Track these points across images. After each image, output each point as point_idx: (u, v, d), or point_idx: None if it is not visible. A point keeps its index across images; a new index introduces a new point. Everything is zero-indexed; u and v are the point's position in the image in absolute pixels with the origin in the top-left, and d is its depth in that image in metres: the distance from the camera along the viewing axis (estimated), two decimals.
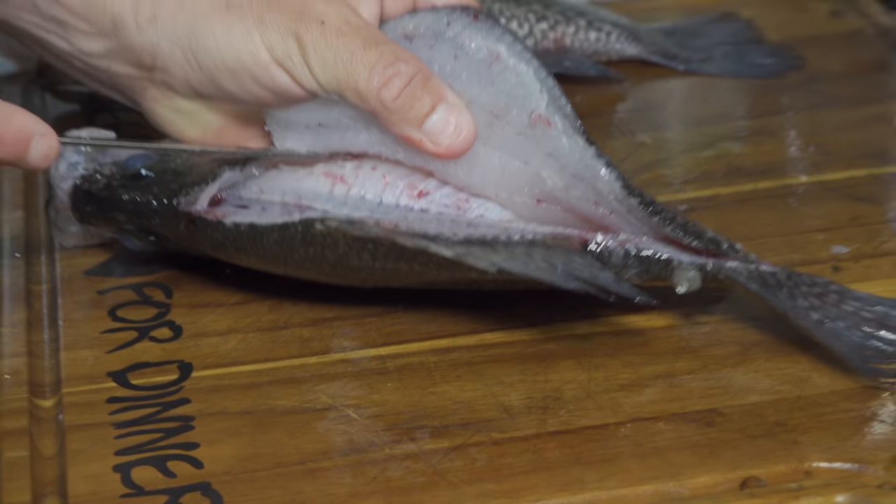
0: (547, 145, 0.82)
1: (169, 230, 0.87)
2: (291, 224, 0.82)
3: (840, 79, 1.08)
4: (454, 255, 0.78)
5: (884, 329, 0.80)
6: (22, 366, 0.83)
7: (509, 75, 0.83)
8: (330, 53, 0.82)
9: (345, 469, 0.74)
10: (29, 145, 0.78)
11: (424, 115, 0.81)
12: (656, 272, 0.82)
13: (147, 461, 0.75)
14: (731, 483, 0.73)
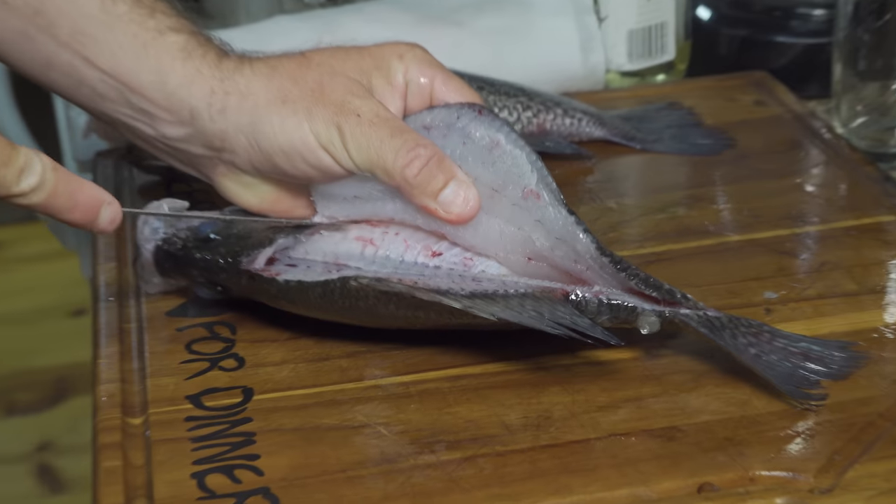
0: (536, 214, 0.84)
1: (233, 283, 0.89)
2: (331, 281, 0.84)
3: (764, 155, 1.10)
4: (462, 306, 0.80)
5: (807, 361, 0.82)
6: (115, 390, 0.84)
7: (507, 158, 0.85)
8: (364, 140, 0.84)
9: (378, 476, 0.76)
10: (99, 212, 0.80)
11: (439, 189, 0.84)
12: (623, 317, 0.83)
13: (218, 469, 0.77)
14: (689, 488, 0.74)
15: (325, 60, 0.88)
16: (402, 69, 0.89)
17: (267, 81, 0.86)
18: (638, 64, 1.24)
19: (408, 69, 0.89)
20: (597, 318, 0.83)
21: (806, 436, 0.78)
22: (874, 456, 0.76)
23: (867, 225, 0.99)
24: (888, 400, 0.80)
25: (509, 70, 1.16)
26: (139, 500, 0.75)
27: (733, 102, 1.18)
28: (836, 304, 0.90)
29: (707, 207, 1.03)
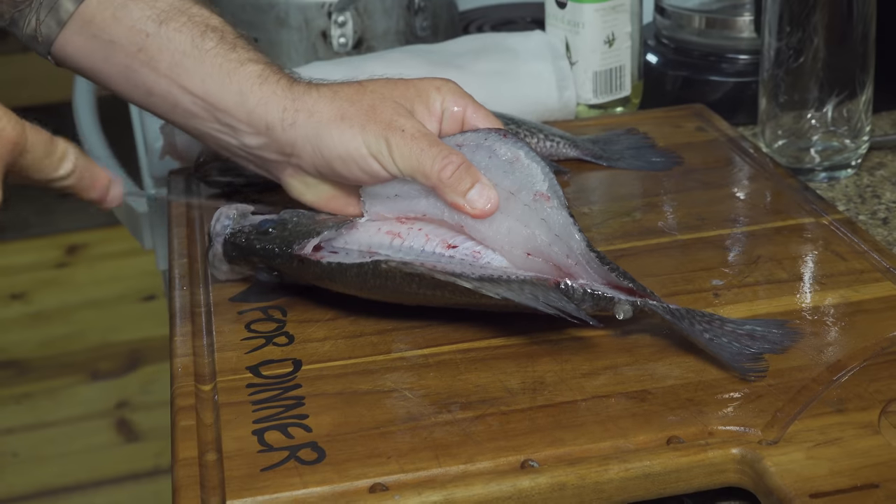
0: (543, 214, 0.81)
1: (286, 267, 0.86)
2: (365, 264, 0.82)
3: (706, 170, 1.07)
4: (472, 286, 0.78)
5: (752, 339, 0.80)
6: (189, 363, 0.81)
7: (524, 169, 0.84)
8: (407, 150, 0.83)
9: (405, 432, 0.73)
10: (108, 190, 0.80)
11: (467, 189, 0.82)
12: (603, 305, 0.81)
13: (274, 427, 0.74)
14: (660, 440, 0.72)
15: (377, 88, 0.87)
16: (440, 99, 0.88)
17: (329, 102, 0.86)
18: (601, 98, 1.21)
19: (444, 99, 0.88)
20: (581, 304, 0.80)
21: (753, 397, 0.75)
22: (810, 413, 0.73)
23: (791, 225, 0.96)
24: (818, 368, 0.77)
25: (501, 104, 1.14)
26: (210, 453, 0.73)
27: (679, 129, 1.15)
28: (770, 289, 0.87)
29: (661, 212, 1.00)
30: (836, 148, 1.10)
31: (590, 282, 0.81)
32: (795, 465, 0.69)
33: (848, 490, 0.67)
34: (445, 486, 0.68)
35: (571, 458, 0.70)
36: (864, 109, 1.09)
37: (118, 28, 0.88)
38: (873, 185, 1.09)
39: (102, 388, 2.56)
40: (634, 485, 0.70)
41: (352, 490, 0.69)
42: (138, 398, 2.50)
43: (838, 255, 0.91)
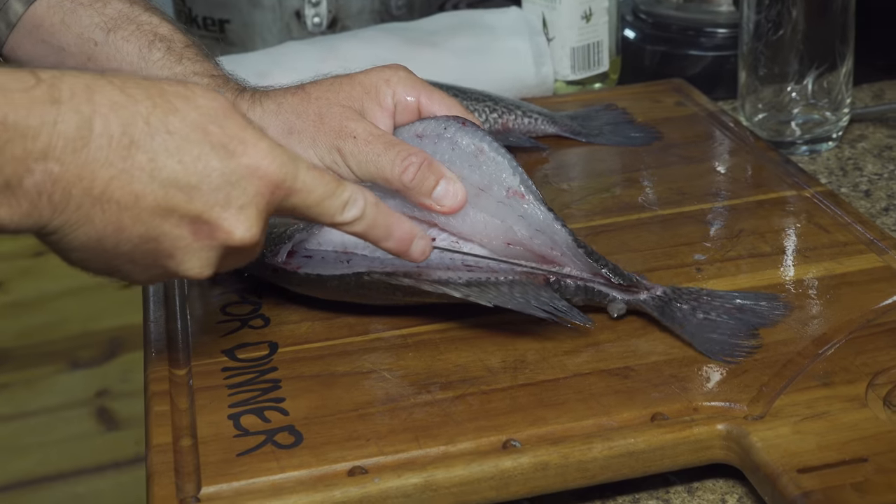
0: (519, 210, 0.79)
1: (259, 273, 0.84)
2: (347, 276, 0.79)
3: (685, 145, 1.06)
4: (462, 295, 0.76)
5: (742, 313, 0.79)
6: (163, 347, 0.80)
7: (490, 163, 0.80)
8: (362, 157, 0.79)
9: (384, 413, 0.72)
10: (412, 244, 0.74)
11: (432, 187, 0.79)
12: (596, 300, 0.79)
13: (250, 411, 0.72)
14: (644, 417, 0.70)
15: (321, 94, 0.83)
16: (391, 92, 0.83)
17: (275, 117, 0.82)
18: (579, 74, 1.20)
19: (395, 91, 0.83)
20: (573, 298, 0.79)
21: (738, 372, 0.73)
22: (796, 388, 0.72)
23: (773, 199, 0.94)
24: (804, 341, 0.76)
25: (478, 81, 1.12)
26: (185, 438, 0.71)
27: (658, 104, 1.14)
28: (753, 263, 0.86)
29: (641, 187, 0.99)
30: (816, 121, 1.09)
31: (581, 275, 0.79)
32: (782, 440, 0.67)
33: (836, 464, 0.65)
34: (426, 468, 0.67)
35: (554, 437, 0.69)
36: (844, 82, 1.08)
37: (67, 35, 0.85)
38: (855, 158, 1.08)
39: (82, 377, 2.53)
40: (619, 463, 0.68)
41: (330, 474, 0.67)
42: (118, 386, 2.47)
43: (821, 227, 0.89)
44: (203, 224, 0.65)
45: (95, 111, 0.61)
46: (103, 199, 0.62)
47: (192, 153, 0.64)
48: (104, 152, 0.61)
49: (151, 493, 0.66)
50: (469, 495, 0.67)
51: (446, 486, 0.67)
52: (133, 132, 0.62)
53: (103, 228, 0.63)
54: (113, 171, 0.62)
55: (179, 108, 0.64)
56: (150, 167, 0.62)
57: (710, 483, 0.71)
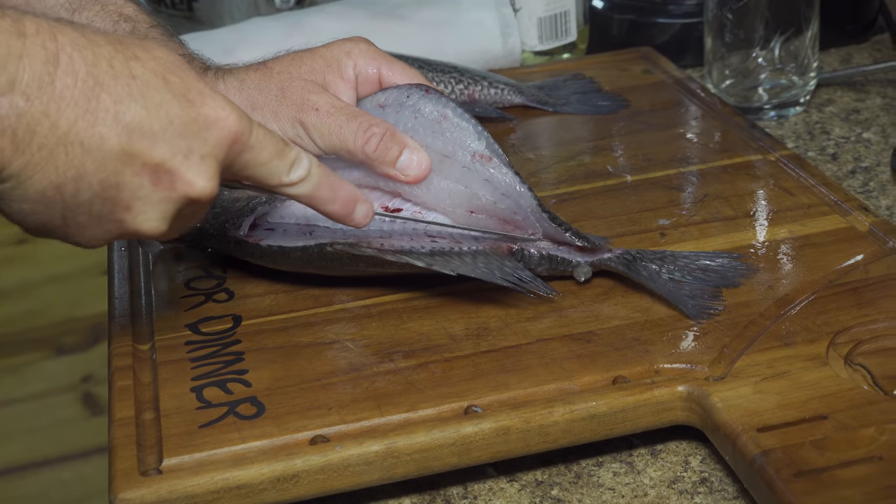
0: (485, 174, 0.79)
1: (222, 246, 0.83)
2: (309, 247, 0.78)
3: (652, 112, 1.05)
4: (425, 264, 0.75)
5: (706, 273, 0.79)
6: (127, 322, 0.79)
7: (454, 129, 0.80)
8: (325, 129, 0.79)
9: (347, 382, 0.71)
10: (355, 207, 0.73)
11: (395, 157, 0.78)
12: (560, 268, 0.79)
13: (213, 384, 0.72)
14: (606, 381, 0.70)
15: (283, 69, 0.82)
16: (352, 64, 0.83)
17: (237, 93, 0.81)
18: (547, 45, 1.19)
19: (356, 63, 0.83)
20: (537, 268, 0.79)
21: (699, 334, 0.73)
22: (757, 348, 0.72)
23: (739, 163, 0.94)
24: (766, 302, 0.76)
25: (444, 53, 1.12)
26: (148, 412, 0.71)
27: (625, 72, 1.14)
28: (717, 227, 0.85)
29: (608, 155, 0.98)
30: (784, 85, 1.09)
31: (544, 244, 0.79)
32: (742, 400, 0.67)
33: (796, 422, 0.65)
34: (387, 436, 0.67)
35: (515, 402, 0.69)
36: (810, 46, 1.08)
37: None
38: (822, 122, 1.08)
39: (67, 363, 2.53)
40: (580, 427, 0.68)
41: (292, 443, 0.67)
42: (103, 372, 2.44)
43: (786, 190, 0.89)
44: (165, 173, 0.63)
45: (60, 49, 0.60)
46: (67, 140, 0.60)
47: (154, 100, 0.62)
48: (70, 91, 0.60)
49: (113, 466, 0.66)
50: (431, 461, 0.67)
51: (408, 453, 0.66)
52: (97, 73, 0.61)
53: (65, 173, 0.61)
54: (78, 110, 0.60)
55: (140, 56, 0.63)
56: (115, 109, 0.61)
57: (674, 445, 0.71)
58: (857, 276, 0.78)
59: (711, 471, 0.69)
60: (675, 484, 0.68)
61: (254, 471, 0.65)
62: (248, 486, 0.65)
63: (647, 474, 0.69)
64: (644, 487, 0.68)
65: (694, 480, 0.68)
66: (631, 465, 0.70)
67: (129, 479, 0.65)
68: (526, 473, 0.70)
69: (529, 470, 0.70)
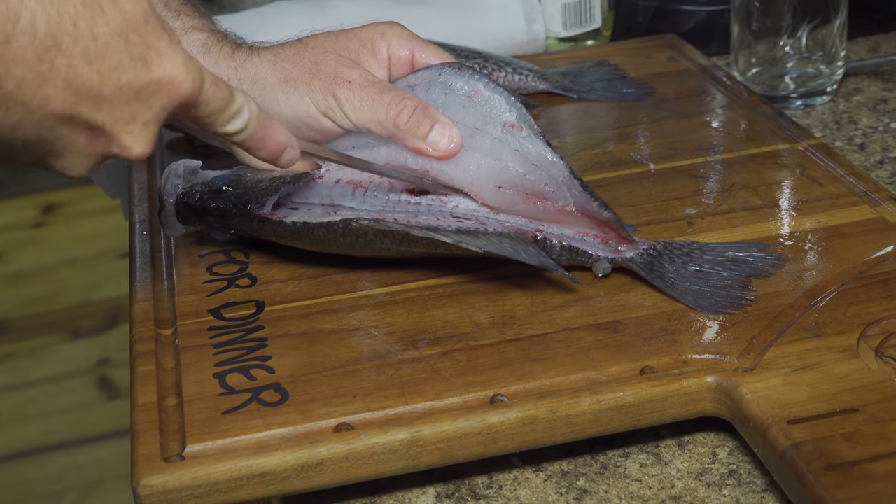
0: (516, 144, 0.78)
1: (244, 227, 0.82)
2: (334, 222, 0.78)
3: (678, 100, 1.04)
4: (452, 241, 0.74)
5: (735, 265, 0.78)
6: (149, 307, 0.79)
7: (485, 102, 0.80)
8: (357, 101, 0.80)
9: (371, 370, 0.71)
10: (282, 153, 0.74)
11: (427, 132, 0.78)
12: (581, 260, 0.78)
13: (236, 370, 0.71)
14: (633, 371, 0.69)
15: (318, 44, 0.83)
16: (385, 45, 0.84)
17: (272, 66, 0.82)
18: (571, 31, 1.18)
19: (389, 44, 0.84)
20: (558, 258, 0.78)
21: (729, 325, 0.72)
22: (787, 339, 0.71)
23: (766, 152, 0.93)
24: (795, 293, 0.75)
25: (468, 39, 1.11)
26: (170, 397, 0.70)
27: (651, 59, 1.13)
28: (745, 216, 0.84)
29: (633, 142, 0.97)
30: (811, 74, 1.07)
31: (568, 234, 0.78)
32: (772, 392, 0.66)
33: (827, 415, 0.64)
34: (412, 424, 0.66)
35: (542, 392, 0.68)
36: (838, 34, 1.06)
37: None
38: (849, 111, 1.06)
39: (83, 347, 2.53)
40: (607, 417, 0.67)
41: (316, 430, 0.66)
42: (119, 355, 2.47)
43: (814, 180, 0.88)
44: (103, 135, 0.63)
45: (23, 5, 0.58)
46: (11, 98, 0.60)
47: (110, 63, 0.61)
48: (24, 52, 0.59)
49: (136, 451, 0.66)
50: (456, 451, 0.66)
51: (433, 442, 0.66)
52: (58, 33, 0.59)
53: (1, 125, 0.61)
54: (28, 71, 0.59)
55: (106, 11, 0.61)
56: (67, 74, 0.60)
57: (701, 436, 0.70)
58: (887, 267, 0.77)
59: (740, 463, 0.68)
60: (703, 476, 0.67)
61: (278, 458, 0.64)
62: (271, 473, 0.64)
63: (674, 466, 0.68)
64: (671, 479, 0.67)
65: (722, 472, 0.67)
66: (658, 456, 0.69)
67: (152, 465, 0.64)
68: (552, 464, 0.69)
69: (555, 460, 0.69)
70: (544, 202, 0.78)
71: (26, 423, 2.34)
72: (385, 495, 0.68)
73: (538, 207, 0.78)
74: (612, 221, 0.78)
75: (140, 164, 0.97)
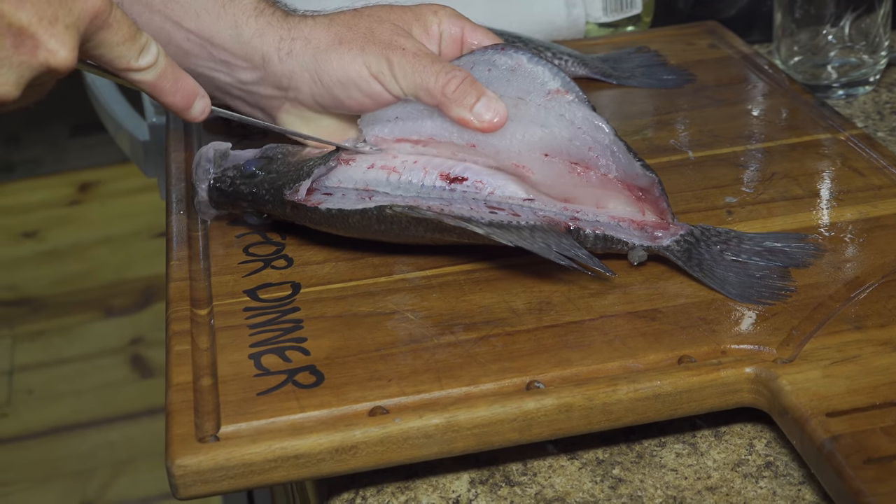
0: (560, 109, 0.79)
1: (278, 211, 0.82)
2: (369, 209, 0.78)
3: (718, 88, 1.03)
4: (484, 233, 0.74)
5: (773, 255, 0.77)
6: (185, 287, 0.78)
7: (528, 74, 0.81)
8: (409, 68, 0.81)
9: (407, 354, 0.70)
10: (194, 101, 0.76)
11: (473, 102, 0.79)
12: (616, 249, 0.78)
13: (271, 351, 0.71)
14: (671, 360, 0.69)
15: (373, 13, 0.85)
16: (437, 21, 0.86)
17: (326, 29, 0.83)
18: (612, 17, 1.18)
19: (441, 21, 0.86)
20: (593, 247, 0.78)
21: (768, 315, 0.72)
22: (827, 331, 0.70)
23: (807, 142, 0.92)
24: (835, 284, 0.74)
25: (508, 23, 1.11)
26: (205, 377, 0.70)
27: (691, 46, 1.12)
28: (785, 206, 0.84)
29: (673, 130, 0.97)
30: (853, 64, 1.06)
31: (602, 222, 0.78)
32: (812, 384, 0.66)
33: (866, 408, 0.64)
34: (447, 409, 0.66)
35: (578, 379, 0.68)
36: (882, 24, 1.05)
37: None
38: (892, 102, 1.05)
39: (116, 325, 2.54)
40: (644, 406, 0.67)
41: (351, 413, 0.66)
42: (152, 334, 2.48)
43: (856, 170, 0.87)
44: (28, 38, 0.65)
45: None
46: None
47: None
48: None
49: (170, 431, 0.66)
50: (491, 437, 0.66)
51: (468, 427, 0.65)
52: None
53: None
54: None
55: None
56: None
57: (738, 427, 0.70)
58: None
59: (777, 455, 0.67)
60: (739, 467, 0.67)
61: (312, 441, 0.64)
62: (306, 455, 0.64)
63: (710, 456, 0.68)
64: (707, 469, 0.67)
65: (759, 464, 0.67)
66: (694, 446, 0.69)
67: (187, 445, 0.64)
68: (587, 452, 0.69)
69: (590, 448, 0.69)
70: (587, 172, 0.78)
71: (58, 400, 2.35)
72: (419, 480, 0.68)
73: (581, 178, 0.78)
74: (652, 188, 0.78)
75: (178, 144, 0.97)
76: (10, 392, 2.38)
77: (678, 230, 0.78)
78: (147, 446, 2.17)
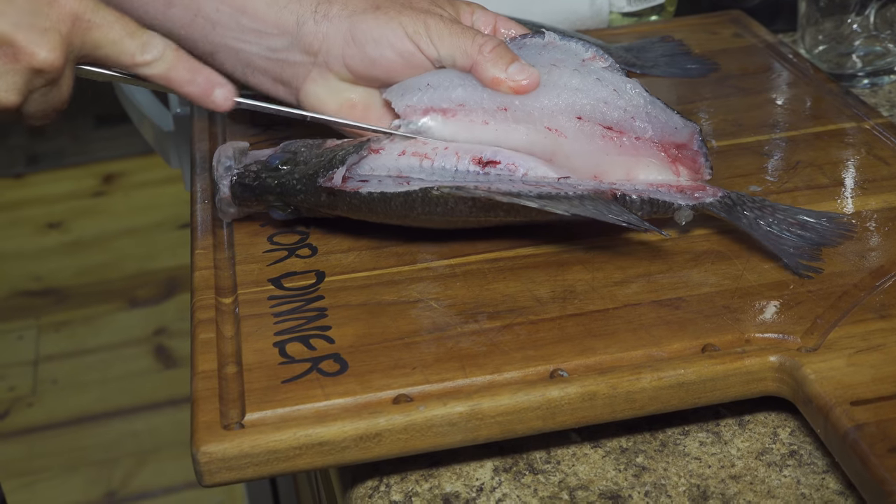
0: (597, 73, 0.81)
1: (311, 200, 0.81)
2: (413, 192, 0.77)
3: (743, 77, 1.03)
4: (538, 206, 0.74)
5: (804, 230, 0.78)
6: (210, 276, 0.79)
7: (561, 47, 0.83)
8: (447, 31, 0.82)
9: (430, 342, 0.70)
10: (214, 90, 0.77)
11: (508, 63, 0.80)
12: (661, 212, 0.78)
13: (296, 339, 0.71)
14: (695, 348, 0.69)
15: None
16: (470, 11, 0.87)
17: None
18: (635, 6, 1.17)
19: (474, 12, 0.87)
20: (638, 212, 0.78)
21: (792, 303, 0.72)
22: (852, 320, 0.70)
23: (832, 131, 0.92)
24: (860, 273, 0.74)
25: (531, 12, 1.11)
26: (230, 365, 0.70)
27: (715, 35, 1.11)
28: (810, 195, 0.83)
29: (697, 118, 0.96)
30: (878, 53, 1.06)
31: (646, 188, 0.79)
32: (836, 373, 0.66)
33: (890, 397, 0.64)
34: (471, 397, 0.66)
35: (602, 368, 0.68)
36: None
37: None
38: None
39: (140, 316, 2.55)
40: (668, 394, 0.67)
41: (375, 401, 0.66)
42: (176, 325, 2.49)
43: (881, 159, 0.87)
44: (7, 45, 0.69)
45: None
46: None
47: None
48: None
49: (196, 418, 0.66)
50: (515, 424, 0.66)
51: (492, 416, 0.66)
52: None
53: None
54: None
55: None
56: None
57: (762, 416, 0.70)
58: None
59: (801, 444, 0.67)
60: (763, 456, 0.67)
61: (336, 428, 0.65)
62: (330, 443, 0.65)
63: (734, 445, 0.68)
64: (731, 458, 0.67)
65: (783, 453, 0.67)
66: (718, 434, 0.69)
67: (212, 433, 0.65)
68: (610, 440, 0.69)
69: (614, 437, 0.69)
70: (620, 137, 0.79)
71: (83, 390, 2.36)
72: (443, 468, 0.68)
73: (613, 144, 0.79)
74: (692, 139, 0.79)
75: (202, 134, 0.97)
76: (35, 382, 2.39)
77: (716, 192, 0.79)
78: (171, 436, 2.18)
